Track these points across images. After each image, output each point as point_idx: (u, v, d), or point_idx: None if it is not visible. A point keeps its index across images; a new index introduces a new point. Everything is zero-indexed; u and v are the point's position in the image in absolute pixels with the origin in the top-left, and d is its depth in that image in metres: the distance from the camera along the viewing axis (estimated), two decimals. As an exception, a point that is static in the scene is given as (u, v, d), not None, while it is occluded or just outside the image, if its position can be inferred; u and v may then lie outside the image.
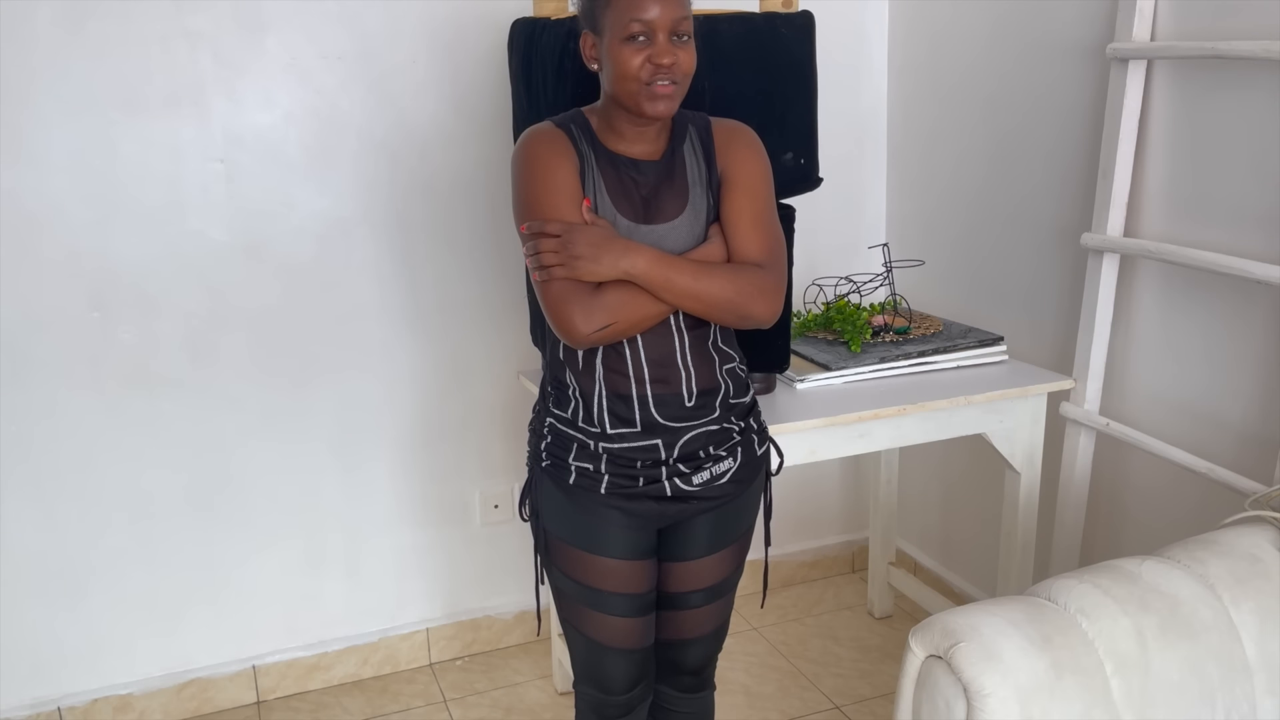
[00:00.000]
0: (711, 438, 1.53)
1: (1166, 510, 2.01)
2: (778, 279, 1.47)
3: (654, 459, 1.50)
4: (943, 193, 2.50)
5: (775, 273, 1.47)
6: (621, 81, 1.39)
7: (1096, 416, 2.04)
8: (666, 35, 1.39)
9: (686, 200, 1.48)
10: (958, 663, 1.19)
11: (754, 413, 1.61)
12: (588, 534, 1.55)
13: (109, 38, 2.00)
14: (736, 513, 1.60)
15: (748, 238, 1.47)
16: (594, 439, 1.51)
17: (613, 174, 1.46)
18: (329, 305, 2.27)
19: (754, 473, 1.60)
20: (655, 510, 1.53)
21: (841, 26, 2.53)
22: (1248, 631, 1.31)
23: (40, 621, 2.21)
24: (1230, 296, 1.82)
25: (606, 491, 1.51)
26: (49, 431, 2.13)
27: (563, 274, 1.38)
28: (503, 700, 2.41)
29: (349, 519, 2.40)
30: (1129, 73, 1.89)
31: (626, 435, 1.50)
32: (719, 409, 1.53)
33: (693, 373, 1.50)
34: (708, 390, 1.51)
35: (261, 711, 2.39)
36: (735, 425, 1.55)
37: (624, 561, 1.55)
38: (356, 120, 2.20)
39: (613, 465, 1.51)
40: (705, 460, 1.52)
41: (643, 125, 1.46)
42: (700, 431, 1.51)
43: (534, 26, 1.94)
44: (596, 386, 1.50)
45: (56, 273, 2.07)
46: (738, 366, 1.57)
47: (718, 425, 1.53)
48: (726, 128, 1.53)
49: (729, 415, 1.54)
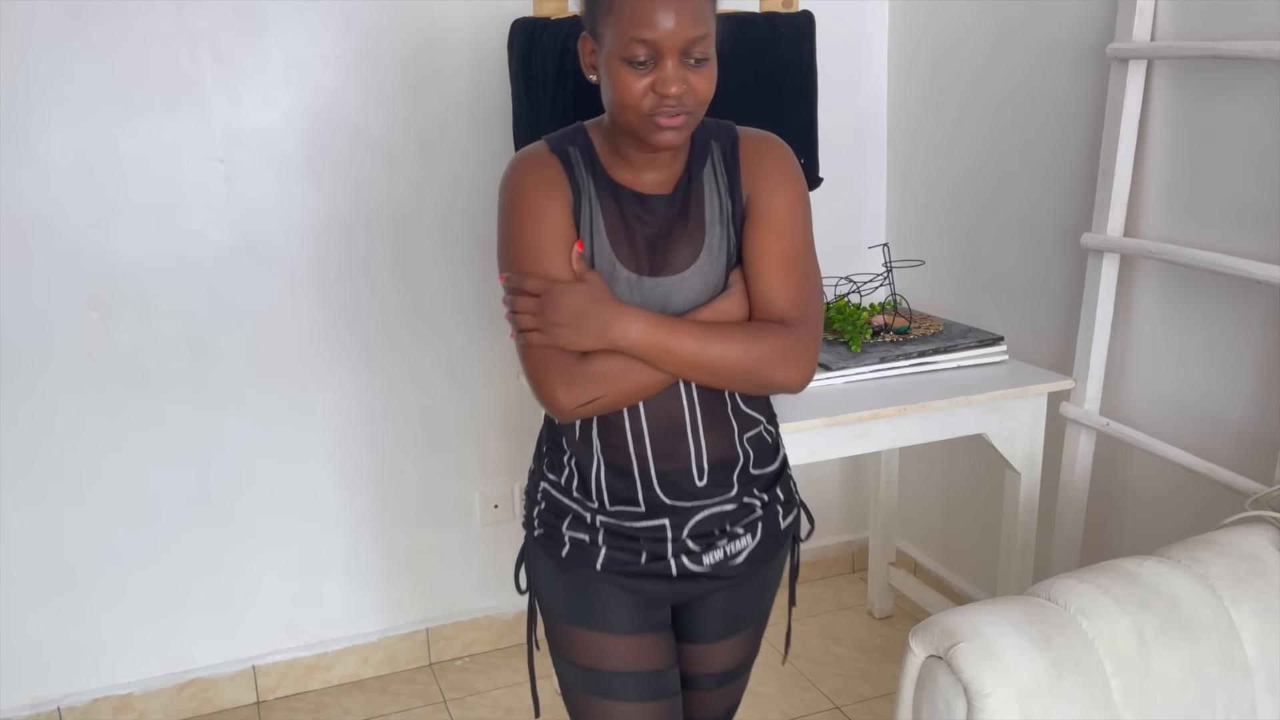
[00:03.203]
0: (728, 516, 1.32)
1: (1166, 510, 2.01)
2: (807, 339, 1.21)
3: (659, 537, 1.31)
4: (943, 193, 2.50)
5: (805, 331, 1.21)
6: (620, 110, 1.17)
7: (1096, 416, 2.04)
8: (677, 58, 1.14)
9: (701, 245, 1.24)
10: (958, 663, 1.19)
11: (781, 480, 1.38)
12: (585, 609, 1.34)
13: (109, 38, 2.00)
14: (756, 592, 1.41)
15: (771, 287, 1.22)
16: (591, 512, 1.31)
17: (614, 211, 1.24)
18: (329, 305, 2.27)
19: (776, 548, 1.39)
20: (660, 589, 1.34)
21: (841, 26, 2.53)
22: (1248, 631, 1.31)
23: (40, 621, 2.21)
24: (1230, 296, 1.82)
25: (603, 567, 1.31)
26: (49, 431, 2.13)
27: (540, 340, 1.18)
28: (503, 700, 2.41)
29: (349, 519, 2.40)
30: (1129, 73, 1.89)
31: (628, 514, 1.30)
32: (737, 484, 1.31)
33: (704, 446, 1.28)
34: (723, 464, 1.30)
35: (261, 711, 2.39)
36: (758, 499, 1.34)
37: (628, 637, 1.34)
38: (356, 120, 2.20)
39: (611, 539, 1.31)
40: (719, 538, 1.32)
41: (651, 153, 1.23)
42: (714, 512, 1.31)
43: (534, 26, 1.94)
44: (594, 459, 1.29)
45: (56, 273, 2.07)
46: (764, 429, 1.35)
47: (735, 503, 1.32)
48: (754, 142, 1.27)
49: (750, 488, 1.33)
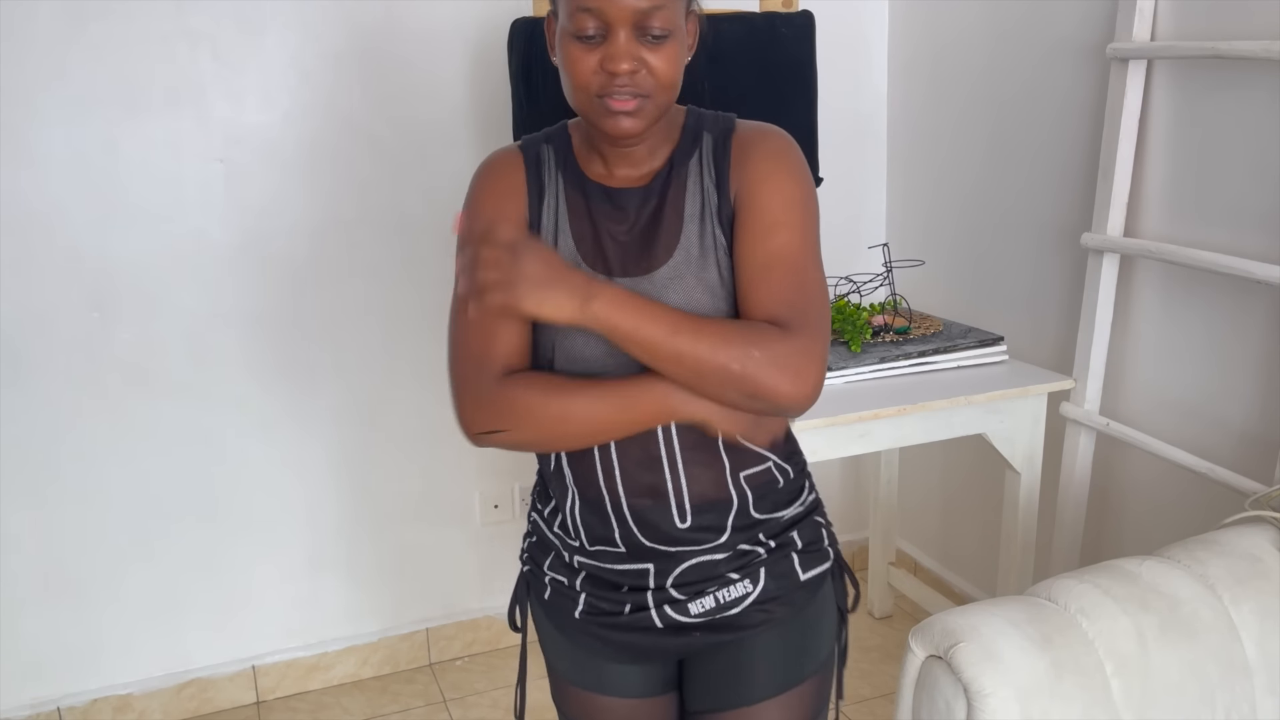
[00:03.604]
0: (721, 565, 1.15)
1: (1166, 510, 2.01)
2: (806, 343, 1.01)
3: (641, 585, 1.15)
4: (943, 192, 2.50)
5: (804, 336, 1.01)
6: (571, 92, 1.05)
7: (1096, 416, 2.04)
8: (630, 32, 1.01)
9: (676, 243, 1.08)
10: (958, 663, 1.19)
11: (804, 526, 1.19)
12: (572, 662, 1.23)
13: (109, 38, 2.00)
14: (786, 651, 1.19)
15: (758, 285, 1.04)
16: (570, 551, 1.19)
17: (581, 208, 1.10)
18: (328, 305, 2.27)
19: (794, 598, 1.18)
20: (648, 644, 1.17)
21: (841, 26, 2.53)
22: (1248, 631, 1.31)
23: (40, 621, 2.21)
24: (1230, 296, 1.82)
25: (581, 616, 1.19)
26: (49, 431, 2.13)
27: (499, 300, 0.95)
28: (503, 700, 2.41)
29: (349, 519, 2.40)
30: (1129, 72, 1.89)
31: (607, 554, 1.15)
32: (730, 529, 1.13)
33: (684, 482, 1.10)
34: (710, 505, 1.12)
35: (261, 712, 2.39)
36: (760, 545, 1.16)
37: (627, 701, 1.21)
38: (356, 120, 2.20)
39: (591, 584, 1.18)
40: (709, 584, 1.14)
41: (624, 146, 1.09)
42: (703, 560, 1.14)
43: (534, 26, 1.94)
44: (568, 490, 1.14)
45: (56, 272, 2.07)
46: (773, 468, 1.15)
47: (728, 551, 1.14)
48: (749, 134, 1.11)
49: (750, 535, 1.15)
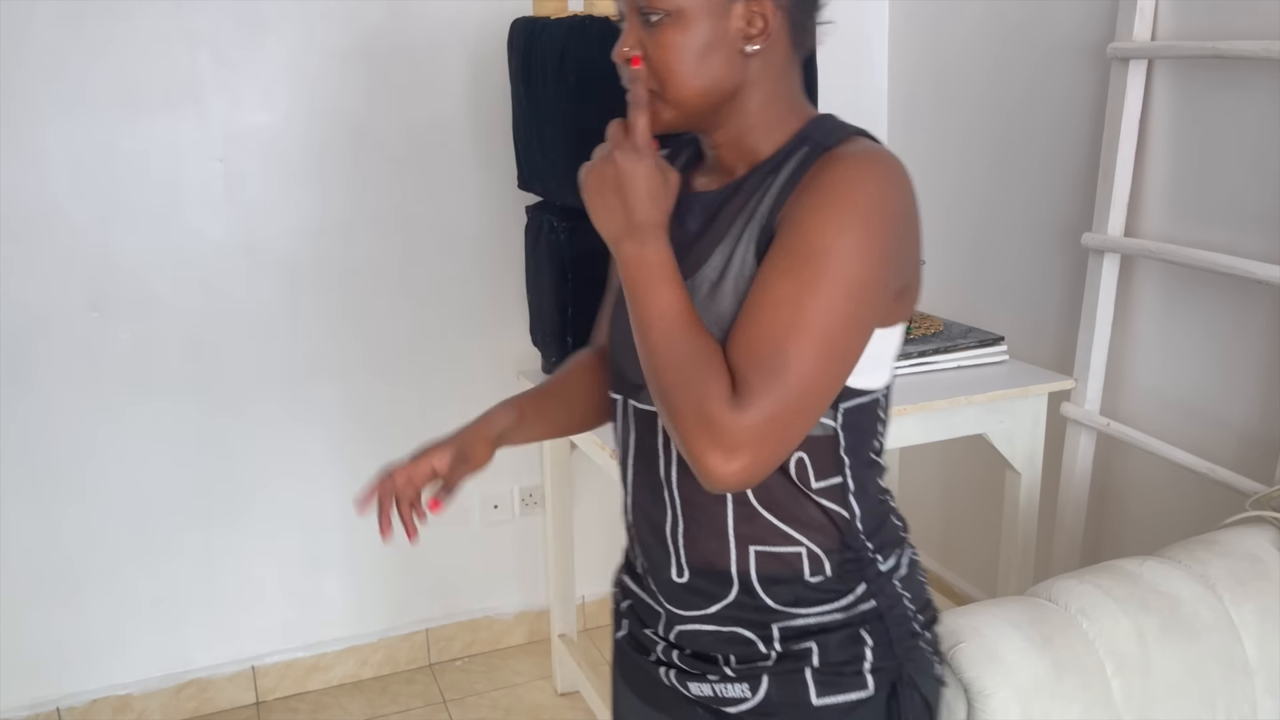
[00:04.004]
0: (721, 641, 1.01)
1: (1167, 510, 2.01)
2: (757, 421, 0.83)
3: (656, 629, 1.07)
4: (943, 192, 2.50)
5: (760, 409, 0.84)
6: None
7: (1097, 416, 2.03)
8: (635, 16, 0.94)
9: (707, 258, 0.96)
10: (958, 663, 1.18)
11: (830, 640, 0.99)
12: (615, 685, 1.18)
13: (109, 37, 2.00)
14: None
15: (745, 323, 0.88)
16: (622, 569, 1.15)
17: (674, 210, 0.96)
18: (328, 305, 2.26)
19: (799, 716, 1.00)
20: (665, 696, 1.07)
21: (841, 26, 2.52)
22: (1248, 632, 1.31)
23: (39, 622, 2.21)
24: (1231, 296, 1.82)
25: (618, 644, 1.14)
26: (49, 431, 2.13)
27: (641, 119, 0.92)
28: (503, 700, 2.41)
29: (348, 519, 2.40)
30: (1129, 72, 1.89)
31: (641, 580, 1.09)
32: (733, 604, 0.99)
33: (681, 533, 1.00)
34: (709, 571, 0.99)
35: (261, 712, 2.38)
36: (765, 644, 1.00)
37: None
38: (356, 120, 2.20)
39: (633, 614, 1.11)
40: (708, 667, 1.03)
41: (709, 147, 1.02)
42: (701, 629, 1.02)
43: (534, 26, 1.94)
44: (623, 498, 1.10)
45: (56, 273, 2.06)
46: (805, 555, 0.97)
47: (730, 628, 1.00)
48: (837, 154, 0.93)
49: (761, 624, 0.99)
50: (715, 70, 0.94)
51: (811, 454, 0.96)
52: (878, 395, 0.99)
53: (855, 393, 0.96)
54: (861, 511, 0.99)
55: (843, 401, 0.95)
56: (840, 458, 0.97)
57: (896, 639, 1.00)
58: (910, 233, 0.94)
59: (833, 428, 0.96)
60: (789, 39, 0.97)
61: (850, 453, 0.98)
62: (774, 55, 0.96)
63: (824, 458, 0.96)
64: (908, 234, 0.93)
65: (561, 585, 2.40)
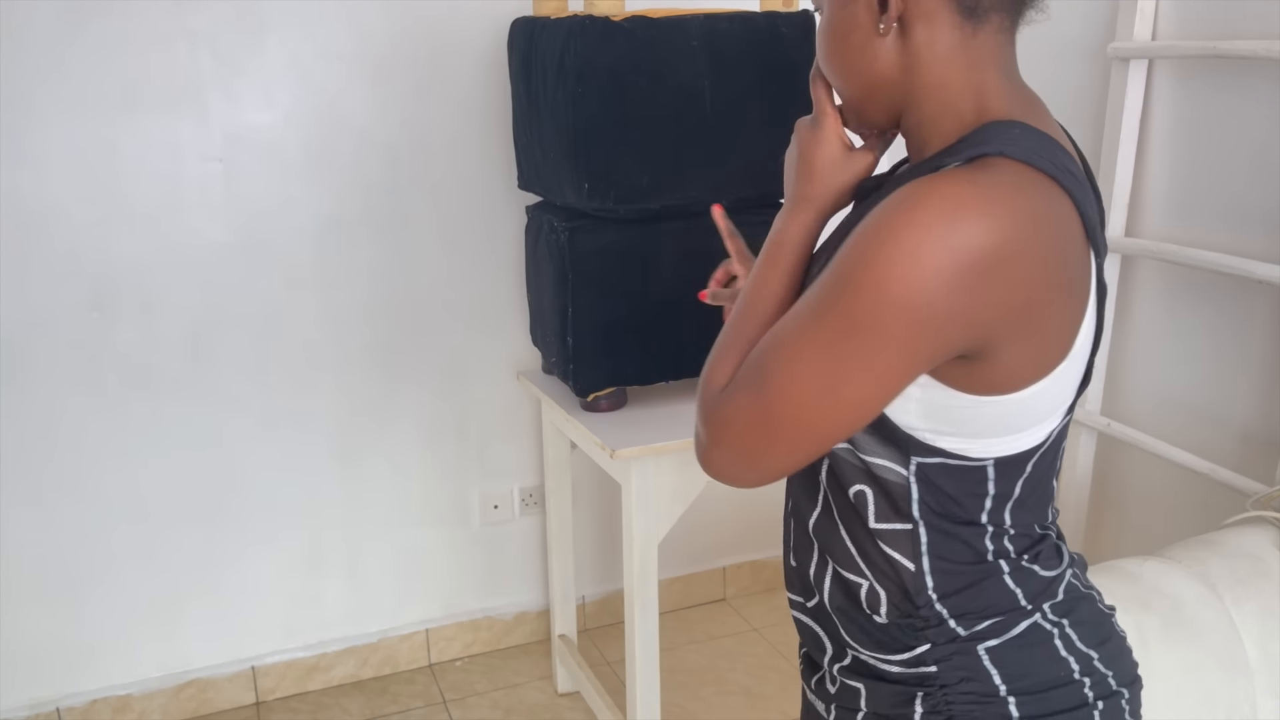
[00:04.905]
0: (816, 644, 1.01)
1: (1167, 510, 2.01)
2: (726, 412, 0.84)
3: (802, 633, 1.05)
4: (943, 193, 2.50)
5: (735, 401, 0.83)
6: None
7: (1097, 416, 2.03)
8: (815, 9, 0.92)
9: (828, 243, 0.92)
10: (958, 663, 1.18)
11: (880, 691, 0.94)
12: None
13: (109, 38, 2.00)
14: None
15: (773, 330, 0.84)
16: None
17: None
18: (328, 305, 2.26)
19: None
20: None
21: (842, 26, 2.53)
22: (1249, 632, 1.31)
23: (39, 622, 2.20)
24: (1231, 296, 1.82)
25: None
26: (48, 431, 2.13)
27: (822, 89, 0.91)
28: (503, 701, 2.41)
29: (348, 519, 2.40)
30: (1130, 72, 1.89)
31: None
32: (818, 610, 0.98)
33: (792, 522, 1.00)
34: (802, 568, 0.99)
35: (261, 712, 2.38)
36: (840, 661, 0.98)
37: None
38: (356, 120, 2.20)
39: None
40: (813, 672, 1.03)
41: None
42: (805, 622, 1.01)
43: (534, 26, 1.94)
44: None
45: (56, 273, 2.06)
46: (868, 590, 0.92)
47: (817, 627, 1.00)
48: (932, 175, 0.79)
49: (838, 639, 0.98)
50: (856, 57, 0.86)
51: (876, 492, 0.90)
52: (984, 465, 0.87)
53: (933, 450, 0.86)
54: (933, 570, 0.90)
55: (915, 455, 0.87)
56: (910, 510, 0.89)
57: (960, 716, 0.90)
58: (986, 295, 0.76)
59: (904, 476, 0.88)
60: (953, 6, 0.83)
61: (927, 510, 0.89)
62: (934, 30, 0.84)
63: (889, 501, 0.89)
64: (981, 294, 0.76)
65: (561, 585, 2.40)
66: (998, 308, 0.77)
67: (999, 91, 0.86)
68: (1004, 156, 0.78)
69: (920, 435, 0.85)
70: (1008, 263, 0.75)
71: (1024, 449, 0.87)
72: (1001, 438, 0.85)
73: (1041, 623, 0.91)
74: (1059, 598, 0.93)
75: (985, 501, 0.89)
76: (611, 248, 1.89)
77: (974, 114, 0.85)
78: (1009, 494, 0.89)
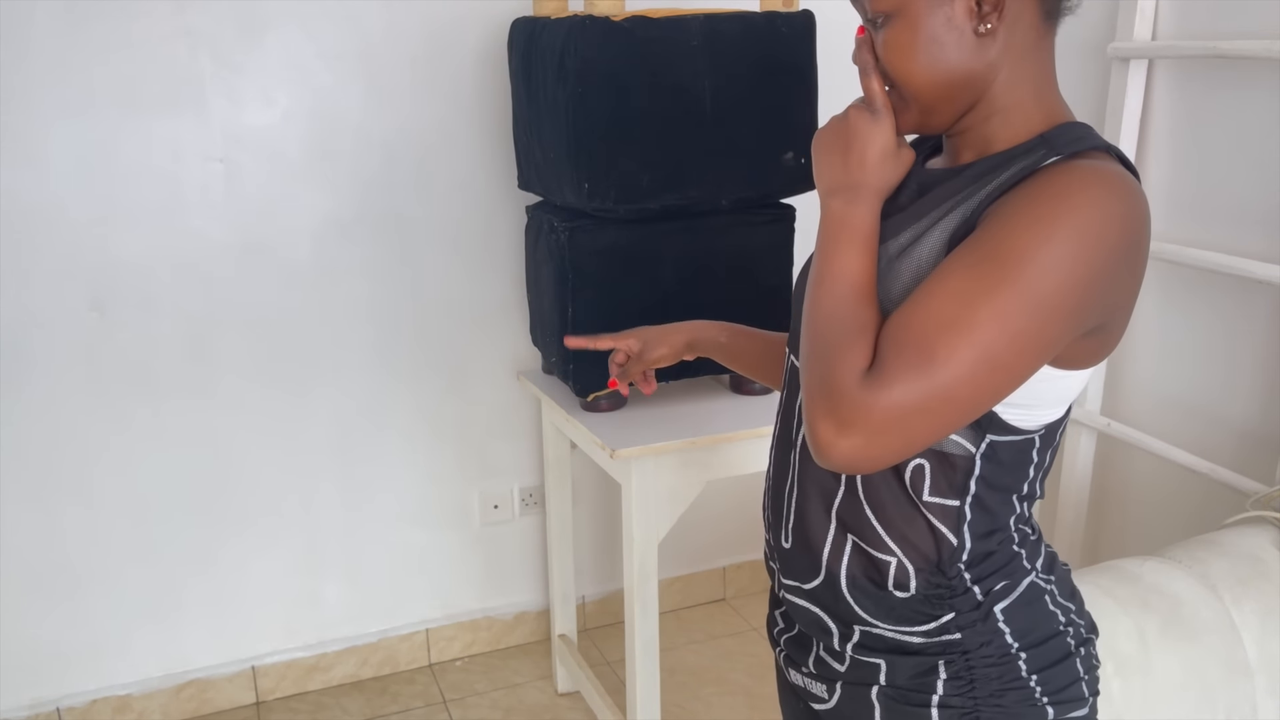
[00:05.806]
0: (810, 622, 1.01)
1: (1167, 510, 2.01)
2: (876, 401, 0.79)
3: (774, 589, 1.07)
4: (943, 193, 2.50)
5: (885, 392, 0.79)
6: None
7: (1097, 416, 2.03)
8: (867, 19, 0.93)
9: (906, 228, 0.92)
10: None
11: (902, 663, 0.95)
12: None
13: (109, 38, 2.00)
14: None
15: (911, 305, 0.82)
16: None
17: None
18: (329, 305, 2.26)
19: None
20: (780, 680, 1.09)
21: (842, 26, 2.52)
22: (1249, 632, 1.31)
23: (39, 622, 2.20)
24: (1231, 296, 1.82)
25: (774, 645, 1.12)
26: (48, 431, 2.12)
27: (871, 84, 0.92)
28: (503, 701, 2.41)
29: (348, 519, 2.40)
30: (1130, 72, 1.89)
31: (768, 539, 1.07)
32: (823, 591, 0.97)
33: (794, 502, 0.99)
34: (806, 549, 0.98)
35: (261, 712, 2.38)
36: (848, 644, 0.98)
37: None
38: (356, 120, 2.19)
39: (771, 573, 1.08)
40: (806, 655, 1.04)
41: (948, 134, 0.97)
42: (802, 605, 1.01)
43: (534, 26, 1.94)
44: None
45: (56, 272, 2.06)
46: (896, 566, 0.93)
47: (818, 610, 0.99)
48: (1059, 166, 0.85)
49: (844, 620, 0.97)
50: (948, 60, 0.88)
51: (936, 467, 0.90)
52: (1034, 437, 0.91)
53: (1008, 428, 0.89)
54: (972, 545, 0.92)
55: (991, 433, 0.89)
56: (967, 485, 0.91)
57: (980, 679, 0.93)
58: (1126, 273, 0.84)
59: (971, 453, 0.89)
60: (1037, 7, 0.89)
61: (983, 484, 0.91)
62: (1017, 29, 0.89)
63: (948, 477, 0.90)
64: (1123, 273, 0.84)
65: (561, 585, 2.40)
66: (1125, 288, 0.86)
67: (1056, 92, 0.95)
68: (1111, 152, 0.87)
69: (999, 411, 0.88)
70: (1146, 244, 0.85)
71: (1058, 418, 0.93)
72: (1052, 409, 0.91)
73: (1037, 580, 0.97)
74: (1042, 556, 0.99)
75: (1029, 471, 0.93)
76: (611, 248, 1.89)
77: (1040, 113, 0.92)
78: (1044, 464, 0.95)
